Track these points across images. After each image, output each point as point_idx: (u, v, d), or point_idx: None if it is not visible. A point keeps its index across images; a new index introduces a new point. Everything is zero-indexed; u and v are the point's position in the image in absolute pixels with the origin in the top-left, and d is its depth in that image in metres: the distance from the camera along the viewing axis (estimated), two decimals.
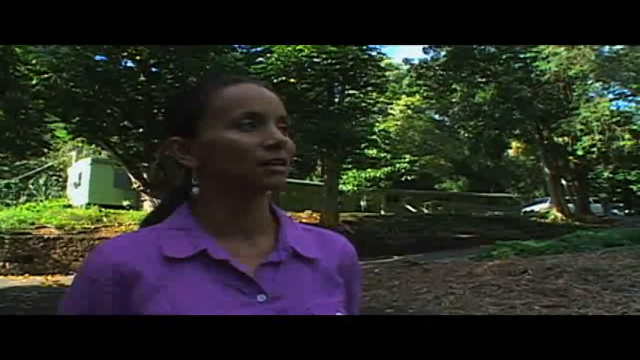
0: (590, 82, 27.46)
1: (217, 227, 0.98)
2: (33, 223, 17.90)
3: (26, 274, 15.28)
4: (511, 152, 40.69)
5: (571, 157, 30.67)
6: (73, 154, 29.76)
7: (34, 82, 16.13)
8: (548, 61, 24.08)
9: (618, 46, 24.85)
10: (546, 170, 30.71)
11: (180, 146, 1.01)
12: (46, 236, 16.84)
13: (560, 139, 30.41)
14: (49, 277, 14.38)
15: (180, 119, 1.02)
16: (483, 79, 28.94)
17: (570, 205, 31.69)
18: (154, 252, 0.94)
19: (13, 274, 15.30)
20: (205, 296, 0.91)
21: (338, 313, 1.01)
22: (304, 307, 0.96)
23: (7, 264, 15.82)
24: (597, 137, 26.32)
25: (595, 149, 27.17)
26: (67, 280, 13.25)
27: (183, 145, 1.00)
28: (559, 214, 29.16)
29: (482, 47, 27.98)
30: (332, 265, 1.05)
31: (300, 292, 0.98)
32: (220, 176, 0.98)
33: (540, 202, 36.16)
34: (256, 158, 0.94)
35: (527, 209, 35.51)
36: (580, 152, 27.91)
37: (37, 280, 14.08)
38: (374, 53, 21.69)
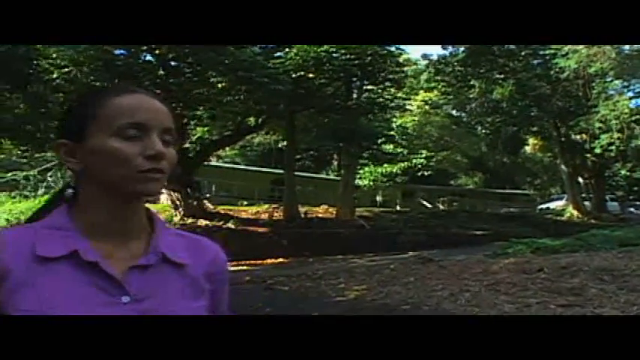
0: (609, 79, 27.23)
1: (93, 229, 1.02)
2: None
3: None
4: (528, 149, 40.40)
5: (589, 155, 30.44)
6: None
7: (54, 75, 16.27)
8: (568, 58, 23.90)
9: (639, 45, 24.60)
10: (563, 168, 30.53)
11: (66, 149, 1.05)
12: None
13: (578, 137, 30.21)
14: None
15: (71, 123, 1.06)
16: (502, 76, 28.78)
17: (587, 203, 31.48)
18: (26, 250, 0.96)
19: None
20: (72, 295, 0.94)
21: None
22: (167, 310, 1.00)
23: None
24: (616, 135, 26.13)
25: (613, 147, 26.98)
26: None
27: (70, 149, 1.04)
28: (575, 212, 29.01)
29: None
30: (200, 271, 1.09)
31: (165, 295, 1.01)
32: (100, 181, 1.01)
33: (556, 199, 35.86)
34: (135, 166, 0.98)
35: (543, 206, 35.20)
36: (598, 150, 27.71)
37: None
38: (392, 49, 21.62)
